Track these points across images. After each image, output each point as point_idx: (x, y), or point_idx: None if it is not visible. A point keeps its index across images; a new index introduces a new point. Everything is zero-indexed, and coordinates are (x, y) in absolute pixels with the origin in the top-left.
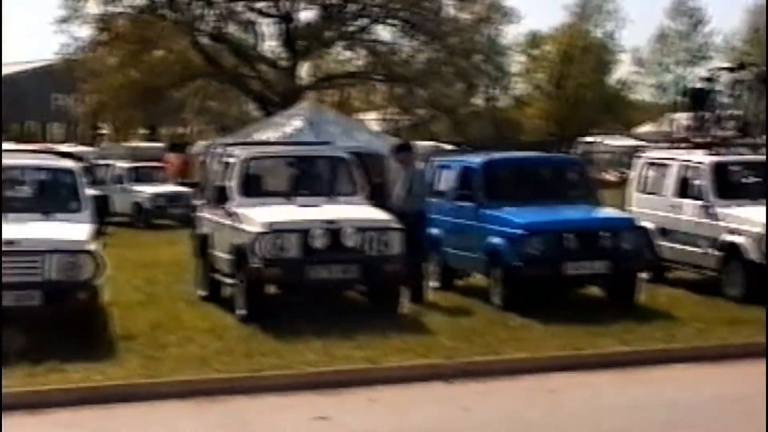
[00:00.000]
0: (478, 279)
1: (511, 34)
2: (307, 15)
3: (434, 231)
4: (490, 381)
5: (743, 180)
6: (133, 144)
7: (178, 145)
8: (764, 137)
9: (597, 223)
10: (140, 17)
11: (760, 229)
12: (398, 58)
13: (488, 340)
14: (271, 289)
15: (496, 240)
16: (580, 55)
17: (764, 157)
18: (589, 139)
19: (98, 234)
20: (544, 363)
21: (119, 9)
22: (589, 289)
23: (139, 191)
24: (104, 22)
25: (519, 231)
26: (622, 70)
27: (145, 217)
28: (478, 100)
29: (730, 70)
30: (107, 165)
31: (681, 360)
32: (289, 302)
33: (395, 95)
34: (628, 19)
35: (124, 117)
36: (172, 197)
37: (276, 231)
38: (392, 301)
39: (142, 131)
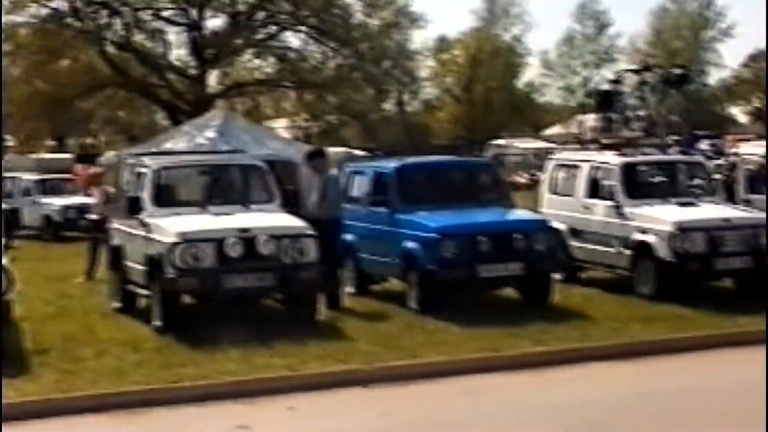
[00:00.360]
0: (394, 284)
1: (420, 39)
2: (215, 23)
3: (349, 237)
4: (409, 385)
5: (652, 180)
6: (41, 155)
7: (86, 156)
8: (669, 137)
9: (510, 226)
10: (44, 27)
11: (669, 228)
12: (308, 65)
13: (406, 344)
14: (187, 299)
15: (410, 244)
16: (488, 59)
17: (671, 156)
18: (499, 141)
19: (6, 248)
20: (461, 365)
21: (22, 19)
22: (504, 290)
23: (48, 203)
24: (6, 33)
25: (433, 235)
26: (531, 73)
27: (55, 230)
28: (389, 106)
29: (636, 72)
30: (14, 177)
31: (596, 358)
32: (205, 312)
33: (305, 102)
34: (535, 22)
35: (30, 128)
36: (82, 209)
37: (190, 241)
38: (309, 308)
39: (49, 142)
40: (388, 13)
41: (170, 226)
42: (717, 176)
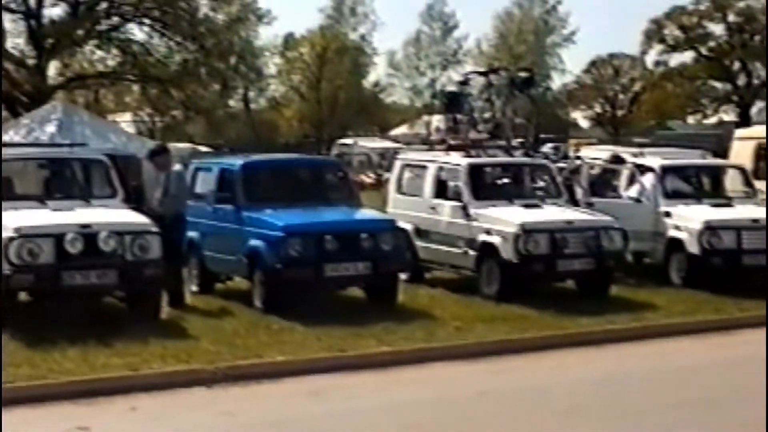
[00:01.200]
0: (238, 282)
1: (267, 35)
2: (54, 11)
3: (193, 234)
4: (253, 385)
5: (497, 181)
6: None
7: None
8: (515, 140)
9: (357, 225)
10: None
11: (513, 230)
12: (152, 59)
13: (250, 344)
14: (24, 296)
15: (255, 242)
16: (335, 58)
17: (517, 158)
18: (345, 140)
19: None
20: (306, 365)
21: None
22: (350, 290)
23: None
24: None
25: (278, 233)
26: (378, 73)
27: None
28: (235, 102)
29: (482, 74)
30: None
31: (440, 358)
32: (43, 310)
33: (149, 96)
34: (383, 22)
35: None
36: None
37: (26, 236)
38: (151, 306)
39: None
40: (234, 9)
41: (6, 221)
42: (560, 179)
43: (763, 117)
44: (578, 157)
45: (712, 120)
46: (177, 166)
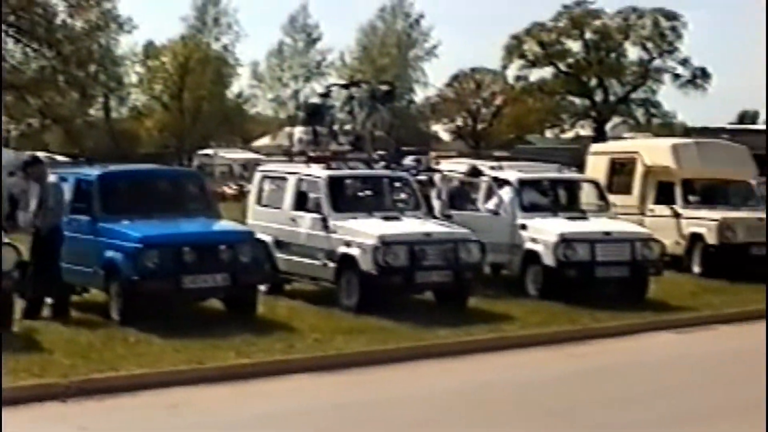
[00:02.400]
0: (95, 294)
1: (127, 43)
2: None
3: None
4: (109, 398)
5: (357, 193)
6: None
7: None
8: (376, 152)
9: (215, 236)
10: None
11: (372, 242)
12: (7, 65)
13: (106, 356)
14: None
15: (112, 254)
16: (198, 68)
17: (377, 171)
18: (207, 151)
19: None
20: (163, 378)
21: None
22: (209, 302)
23: None
24: None
25: (136, 244)
26: (242, 84)
27: None
28: (94, 111)
29: (344, 86)
30: None
31: (299, 370)
32: None
33: (5, 103)
34: (246, 33)
35: None
36: None
37: None
38: (3, 319)
39: None
40: (93, 15)
41: None
42: (420, 191)
43: (618, 132)
44: (437, 170)
45: (570, 134)
46: (52, 178)
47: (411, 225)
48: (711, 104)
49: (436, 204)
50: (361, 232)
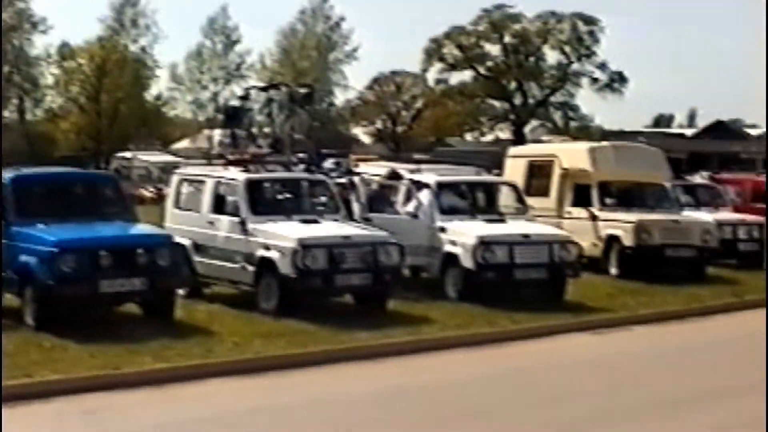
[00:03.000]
0: (9, 299)
1: (42, 44)
2: None
3: None
4: (23, 405)
5: (276, 196)
6: None
7: None
8: (295, 155)
9: (132, 240)
10: None
11: (291, 245)
12: None
13: (20, 362)
14: None
15: (27, 258)
16: (116, 69)
17: (296, 174)
18: (125, 154)
19: None
20: (79, 383)
21: None
22: (126, 306)
23: None
24: None
25: (51, 249)
26: (161, 86)
27: None
28: (9, 113)
29: (263, 89)
30: None
31: (218, 374)
32: None
33: None
34: (165, 34)
35: None
36: None
37: None
38: None
39: None
40: (6, 15)
41: None
42: (340, 194)
43: (537, 135)
44: (357, 173)
45: (490, 137)
46: None
47: (330, 228)
48: (628, 108)
49: (356, 207)
50: (280, 235)
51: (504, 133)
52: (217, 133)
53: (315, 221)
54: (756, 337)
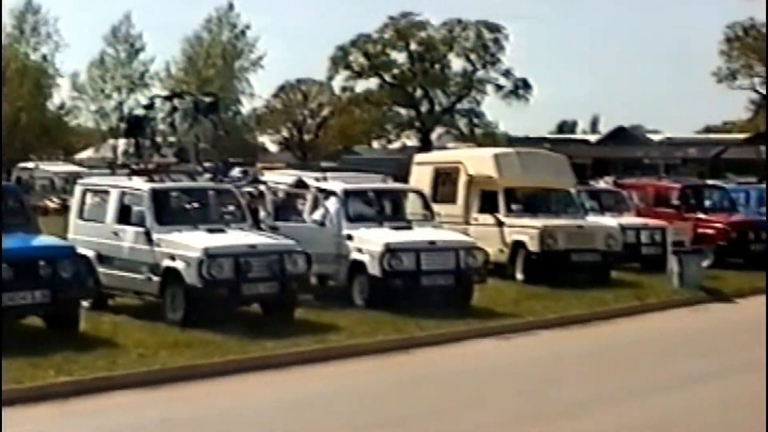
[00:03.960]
0: None
1: None
2: None
3: None
4: None
5: (182, 206)
6: None
7: None
8: (201, 164)
9: (34, 252)
10: None
11: (197, 254)
12: None
13: None
14: None
15: None
16: (15, 77)
17: (202, 183)
18: (27, 164)
19: None
20: None
21: None
22: (29, 319)
23: None
24: None
25: None
26: (63, 95)
27: None
28: None
29: (167, 98)
30: None
31: (123, 387)
32: None
33: None
34: (67, 43)
35: None
36: None
37: None
38: None
39: None
40: None
41: None
42: (247, 203)
43: (443, 142)
44: (263, 182)
45: (397, 145)
46: None
47: (236, 237)
48: (533, 114)
49: (263, 216)
50: (186, 245)
51: (411, 140)
52: (122, 143)
53: (221, 230)
54: (658, 340)
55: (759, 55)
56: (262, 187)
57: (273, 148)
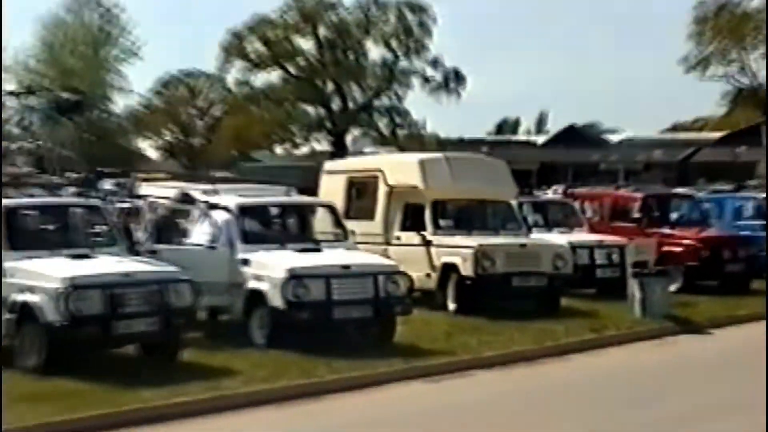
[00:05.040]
0: None
1: None
2: None
3: None
4: None
5: (40, 227)
6: None
7: None
8: (64, 175)
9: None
10: None
11: (56, 285)
12: None
13: None
14: None
15: None
16: None
17: (63, 199)
18: None
19: None
20: None
21: None
22: None
23: None
24: None
25: None
26: None
27: None
28: None
29: (18, 95)
30: None
31: None
32: None
33: None
34: None
35: None
36: None
37: None
38: None
39: None
40: None
41: None
42: (121, 222)
43: (360, 146)
44: (142, 196)
45: (303, 150)
46: None
47: (106, 264)
48: (467, 112)
49: (140, 237)
50: (44, 275)
51: (320, 144)
52: None
53: (87, 256)
54: (618, 380)
55: (734, 39)
56: (139, 203)
57: (154, 155)
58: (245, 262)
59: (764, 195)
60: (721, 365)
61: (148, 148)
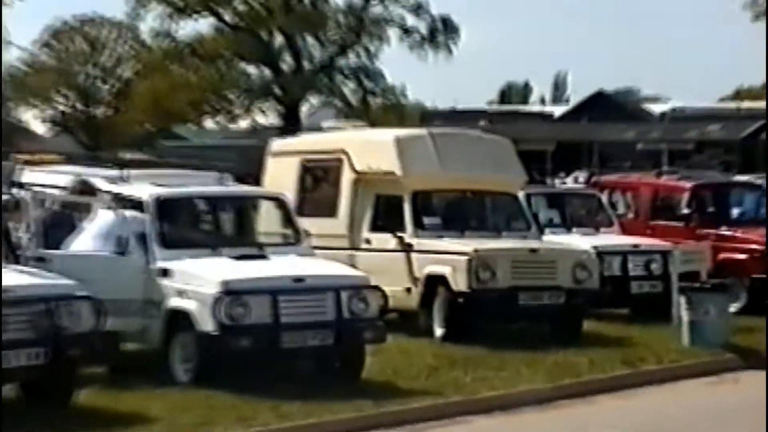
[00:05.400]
0: None
1: None
2: None
3: None
4: None
5: None
6: None
7: None
8: None
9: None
10: None
11: None
12: None
13: None
14: None
15: None
16: None
17: None
18: None
19: None
20: None
21: None
22: None
23: None
24: None
25: None
26: None
27: None
28: None
29: None
30: None
31: None
32: None
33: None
34: None
35: None
36: None
37: None
38: None
39: None
40: None
41: None
42: None
43: (317, 120)
44: (24, 184)
45: (243, 124)
46: None
47: None
48: (461, 74)
49: (23, 240)
50: None
51: (266, 116)
52: None
53: None
54: (658, 428)
55: None
56: (21, 194)
57: (41, 129)
58: (165, 272)
59: None
60: None
61: (33, 119)
